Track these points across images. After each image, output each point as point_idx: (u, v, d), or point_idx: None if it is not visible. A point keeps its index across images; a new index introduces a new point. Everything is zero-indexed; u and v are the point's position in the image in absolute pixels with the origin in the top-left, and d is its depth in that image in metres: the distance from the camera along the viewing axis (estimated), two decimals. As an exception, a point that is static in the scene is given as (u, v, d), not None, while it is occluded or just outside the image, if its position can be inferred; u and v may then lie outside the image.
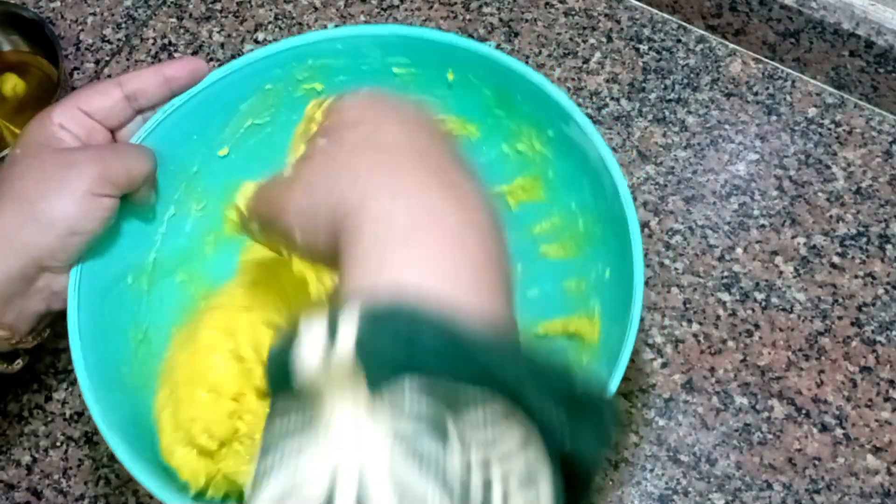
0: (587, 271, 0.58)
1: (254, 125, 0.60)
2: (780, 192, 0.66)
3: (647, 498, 0.57)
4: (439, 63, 0.58)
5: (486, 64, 0.56)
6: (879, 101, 0.68)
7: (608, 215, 0.54)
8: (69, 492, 0.60)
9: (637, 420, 0.59)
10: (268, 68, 0.57)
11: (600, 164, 0.53)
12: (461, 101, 0.60)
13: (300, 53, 0.57)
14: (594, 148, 0.53)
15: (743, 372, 0.60)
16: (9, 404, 0.63)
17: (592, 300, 0.57)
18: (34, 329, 0.51)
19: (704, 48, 0.71)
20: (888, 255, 0.63)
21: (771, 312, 0.62)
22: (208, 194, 0.60)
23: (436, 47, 0.57)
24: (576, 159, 0.56)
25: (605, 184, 0.53)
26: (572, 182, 0.57)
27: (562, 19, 0.72)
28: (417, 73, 0.59)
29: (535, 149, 0.59)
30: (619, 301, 0.52)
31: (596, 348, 0.55)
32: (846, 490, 0.57)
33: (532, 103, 0.56)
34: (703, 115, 0.68)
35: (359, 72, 0.59)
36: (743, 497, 0.57)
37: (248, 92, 0.58)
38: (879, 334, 0.61)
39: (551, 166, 0.59)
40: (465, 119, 0.61)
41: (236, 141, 0.59)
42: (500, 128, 0.60)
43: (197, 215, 0.60)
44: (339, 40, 0.57)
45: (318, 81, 0.59)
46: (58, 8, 0.76)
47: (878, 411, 0.59)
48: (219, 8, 0.75)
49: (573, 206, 0.58)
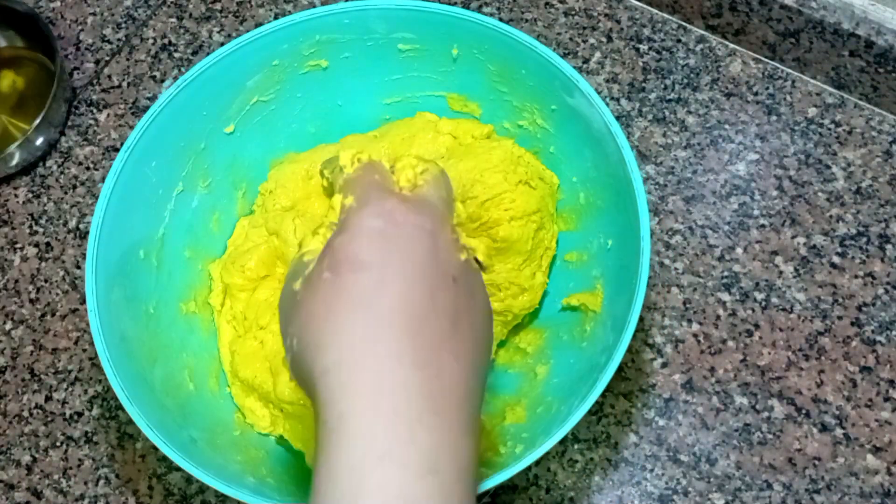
0: (588, 243, 0.59)
1: (259, 102, 0.60)
2: (780, 192, 0.66)
3: (647, 498, 0.57)
4: (444, 37, 0.59)
5: (493, 37, 0.57)
6: (879, 101, 0.68)
7: (611, 184, 0.55)
8: (69, 492, 0.60)
9: (637, 420, 0.59)
10: (276, 42, 0.58)
11: (605, 130, 0.54)
12: (465, 77, 0.60)
13: (308, 28, 0.58)
14: (599, 116, 0.54)
15: (743, 372, 0.60)
16: (9, 404, 0.63)
17: (595, 270, 0.58)
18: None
19: (704, 48, 0.71)
20: (888, 255, 0.63)
21: (771, 312, 0.62)
22: (214, 171, 0.60)
23: (442, 20, 0.58)
24: (579, 131, 0.57)
25: (610, 151, 0.54)
26: (575, 154, 0.58)
27: (562, 19, 0.72)
28: (422, 48, 0.60)
29: (537, 124, 0.60)
30: (622, 268, 0.54)
31: (599, 315, 0.56)
32: (846, 490, 0.57)
33: (537, 76, 0.57)
34: (703, 115, 0.68)
35: (364, 48, 0.59)
36: (743, 497, 0.57)
37: (255, 67, 0.58)
38: (879, 334, 0.61)
39: (553, 141, 0.60)
40: (468, 97, 0.62)
41: (242, 118, 0.60)
42: (503, 105, 0.61)
43: (203, 192, 0.60)
44: (346, 14, 0.58)
45: (323, 58, 0.60)
46: (58, 8, 0.76)
47: (878, 411, 0.59)
48: (219, 8, 0.75)
49: (574, 180, 0.59)
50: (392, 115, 0.63)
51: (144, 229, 0.57)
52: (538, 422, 0.54)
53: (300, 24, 0.58)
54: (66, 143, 0.71)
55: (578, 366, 0.55)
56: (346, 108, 0.63)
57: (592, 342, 0.55)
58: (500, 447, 0.54)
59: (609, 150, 0.54)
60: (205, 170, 0.60)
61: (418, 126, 0.62)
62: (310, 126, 0.63)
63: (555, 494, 0.58)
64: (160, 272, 0.58)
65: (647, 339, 0.61)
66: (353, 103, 0.63)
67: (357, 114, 0.63)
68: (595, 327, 0.56)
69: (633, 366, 0.61)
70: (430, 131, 0.62)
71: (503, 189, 0.57)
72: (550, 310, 0.60)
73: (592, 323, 0.56)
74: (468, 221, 0.58)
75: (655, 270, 0.63)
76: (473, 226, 0.58)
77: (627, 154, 0.53)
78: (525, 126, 0.61)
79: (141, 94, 0.72)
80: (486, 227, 0.57)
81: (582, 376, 0.53)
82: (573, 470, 0.58)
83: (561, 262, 0.60)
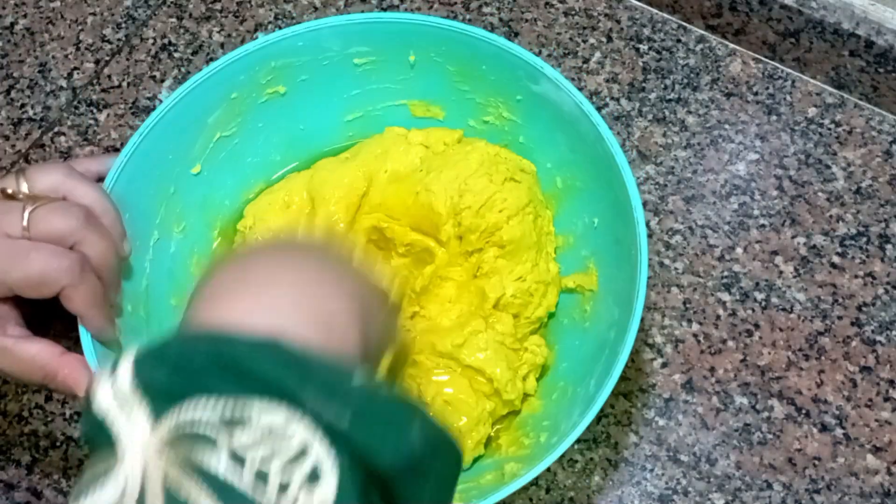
0: (573, 225, 0.59)
1: (222, 138, 0.60)
2: (780, 192, 0.66)
3: (647, 498, 0.57)
4: (400, 45, 0.59)
5: (449, 37, 0.57)
6: (879, 101, 0.68)
7: (590, 163, 0.56)
8: (69, 492, 0.60)
9: (637, 420, 0.59)
10: (233, 74, 0.57)
11: (577, 112, 0.54)
12: (424, 82, 0.61)
13: (263, 55, 0.58)
14: (569, 99, 0.54)
15: (743, 372, 0.60)
16: (9, 404, 0.63)
17: (584, 250, 0.58)
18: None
19: (704, 48, 0.71)
20: (888, 255, 0.63)
21: (771, 312, 0.62)
22: (187, 214, 0.59)
23: (396, 28, 0.58)
24: (548, 117, 0.57)
25: (585, 131, 0.55)
26: (546, 141, 0.59)
27: (562, 19, 0.72)
28: (378, 60, 0.60)
29: (503, 117, 0.60)
30: (615, 243, 0.54)
31: (597, 293, 0.56)
32: (846, 490, 0.57)
33: (499, 71, 0.57)
34: (703, 114, 0.68)
35: (320, 68, 0.59)
36: (743, 497, 0.57)
37: (214, 103, 0.58)
38: (879, 334, 0.61)
39: (522, 131, 0.60)
40: (430, 101, 0.61)
41: (207, 157, 0.59)
42: (466, 103, 0.61)
43: (179, 237, 0.59)
44: (299, 36, 0.58)
45: (280, 84, 0.59)
46: (58, 8, 0.76)
47: (878, 411, 0.59)
48: (219, 8, 0.75)
49: (549, 166, 0.60)
50: (355, 132, 0.63)
51: (128, 284, 0.55)
52: (556, 408, 0.55)
53: (255, 53, 0.57)
54: (66, 143, 0.71)
55: (585, 347, 0.55)
56: (309, 131, 0.62)
57: (595, 321, 0.56)
58: (524, 439, 0.55)
59: (584, 130, 0.55)
60: (178, 214, 0.59)
61: (389, 141, 0.62)
62: (275, 154, 0.63)
63: (555, 494, 0.58)
64: (150, 324, 0.56)
65: (647, 339, 0.61)
66: (316, 125, 0.62)
67: (320, 135, 0.63)
68: (595, 305, 0.56)
69: (633, 366, 0.61)
70: (402, 144, 0.61)
71: (492, 191, 0.57)
72: None
73: (591, 302, 0.57)
74: (468, 233, 0.58)
75: (655, 270, 0.63)
76: (474, 236, 0.58)
77: (605, 130, 0.53)
78: (491, 121, 0.61)
79: (141, 94, 0.72)
80: (487, 233, 0.58)
81: (592, 355, 0.53)
82: (573, 470, 0.58)
83: None
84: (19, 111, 0.72)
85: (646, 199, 0.66)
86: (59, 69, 0.73)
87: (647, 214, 0.65)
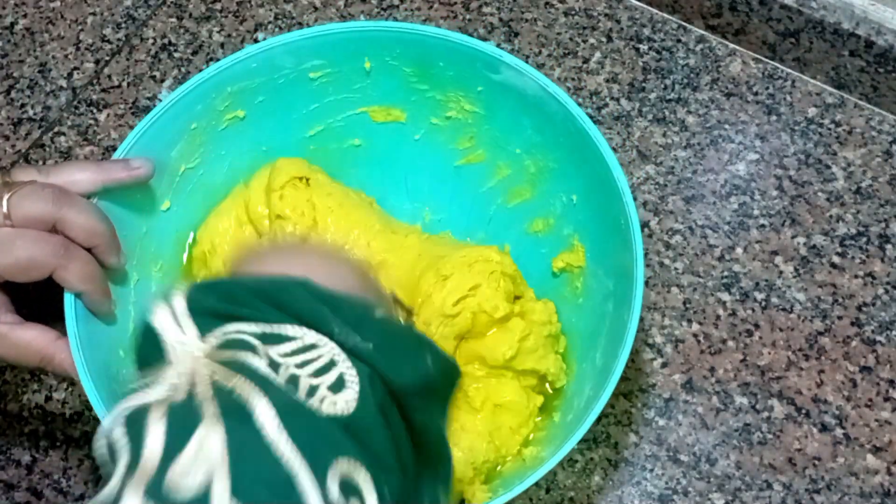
0: (550, 206, 0.59)
1: (187, 170, 0.59)
2: (780, 192, 0.66)
3: (647, 498, 0.57)
4: (354, 54, 0.59)
5: (402, 39, 0.57)
6: (879, 101, 0.68)
7: (561, 142, 0.56)
8: (69, 492, 0.60)
9: (637, 420, 0.59)
10: (191, 104, 0.57)
11: (543, 94, 0.55)
12: (382, 87, 0.60)
13: (219, 81, 0.57)
14: (533, 82, 0.55)
15: (743, 372, 0.60)
16: (9, 404, 0.63)
17: (566, 229, 0.58)
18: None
19: (704, 48, 0.71)
20: (888, 255, 0.63)
21: (771, 312, 0.62)
22: (162, 252, 0.59)
23: (348, 37, 0.58)
24: (512, 103, 0.57)
25: (552, 111, 0.55)
26: (512, 127, 0.59)
27: (562, 19, 0.72)
28: (333, 71, 0.59)
29: (465, 110, 0.60)
30: (599, 216, 0.55)
31: (586, 268, 0.57)
32: (846, 490, 0.57)
33: (456, 65, 0.57)
34: (703, 114, 0.68)
35: (276, 87, 0.59)
36: (743, 497, 0.57)
37: (175, 136, 0.57)
38: (879, 334, 0.61)
39: (486, 121, 0.60)
40: (389, 105, 0.61)
41: (175, 191, 0.59)
42: (426, 102, 0.61)
43: (158, 276, 0.59)
44: (252, 58, 0.57)
45: (239, 108, 0.59)
46: (58, 8, 0.76)
47: (878, 411, 0.59)
48: (219, 8, 0.75)
49: (518, 151, 0.60)
50: (317, 145, 0.62)
51: (115, 330, 0.54)
52: (565, 385, 0.56)
53: (209, 81, 0.56)
54: (66, 143, 0.71)
55: (582, 322, 0.56)
56: (272, 151, 0.62)
57: (589, 295, 0.56)
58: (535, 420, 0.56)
59: (551, 110, 0.55)
60: (153, 253, 0.58)
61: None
62: (241, 178, 0.62)
63: (555, 494, 0.58)
64: None
65: (647, 339, 0.61)
66: (278, 144, 0.62)
67: (284, 153, 0.62)
68: (586, 280, 0.57)
69: (633, 366, 0.61)
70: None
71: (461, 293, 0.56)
72: (536, 282, 0.60)
73: (582, 277, 0.57)
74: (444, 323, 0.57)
75: (655, 270, 0.63)
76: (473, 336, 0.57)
77: (574, 108, 0.53)
78: (454, 116, 0.61)
79: (141, 94, 0.72)
80: (473, 334, 0.56)
81: (593, 329, 0.54)
82: (573, 470, 0.58)
83: (528, 235, 0.61)
84: (19, 111, 0.72)
85: (646, 199, 0.66)
86: (59, 69, 0.73)
87: (647, 214, 0.65)
